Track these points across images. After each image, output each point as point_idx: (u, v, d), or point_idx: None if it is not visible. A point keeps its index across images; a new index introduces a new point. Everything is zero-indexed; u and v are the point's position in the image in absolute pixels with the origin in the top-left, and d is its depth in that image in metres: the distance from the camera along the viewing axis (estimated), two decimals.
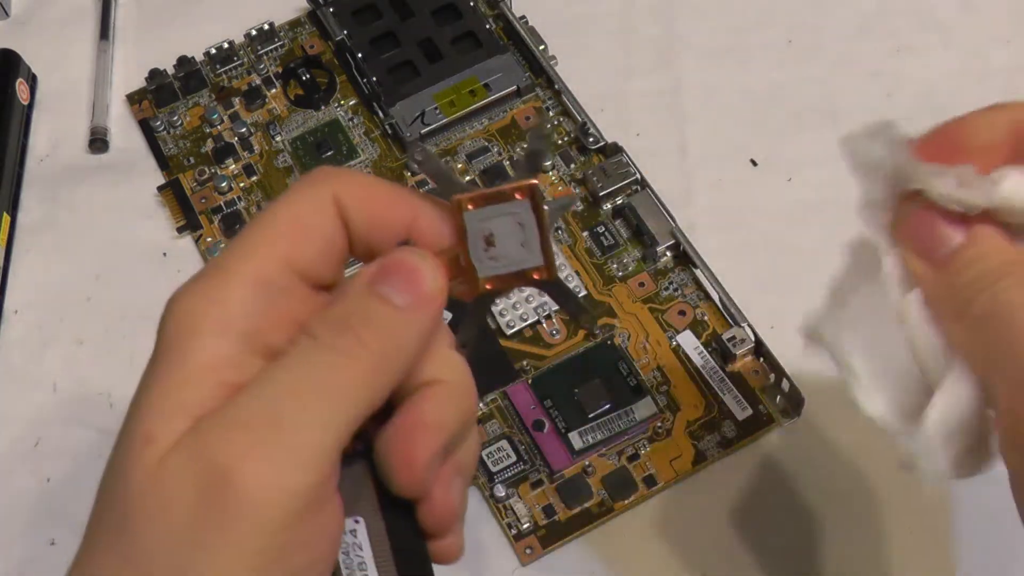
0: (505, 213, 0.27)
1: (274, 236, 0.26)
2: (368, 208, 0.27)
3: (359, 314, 0.25)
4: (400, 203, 0.27)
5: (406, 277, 0.26)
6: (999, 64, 0.51)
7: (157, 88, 0.53)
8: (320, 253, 0.26)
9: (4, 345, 0.47)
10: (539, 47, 0.51)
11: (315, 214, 0.26)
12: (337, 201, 0.26)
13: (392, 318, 0.25)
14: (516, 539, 0.40)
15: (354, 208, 0.27)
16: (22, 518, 0.42)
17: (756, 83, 0.51)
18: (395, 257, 0.26)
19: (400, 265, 0.26)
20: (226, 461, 0.23)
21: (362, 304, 0.25)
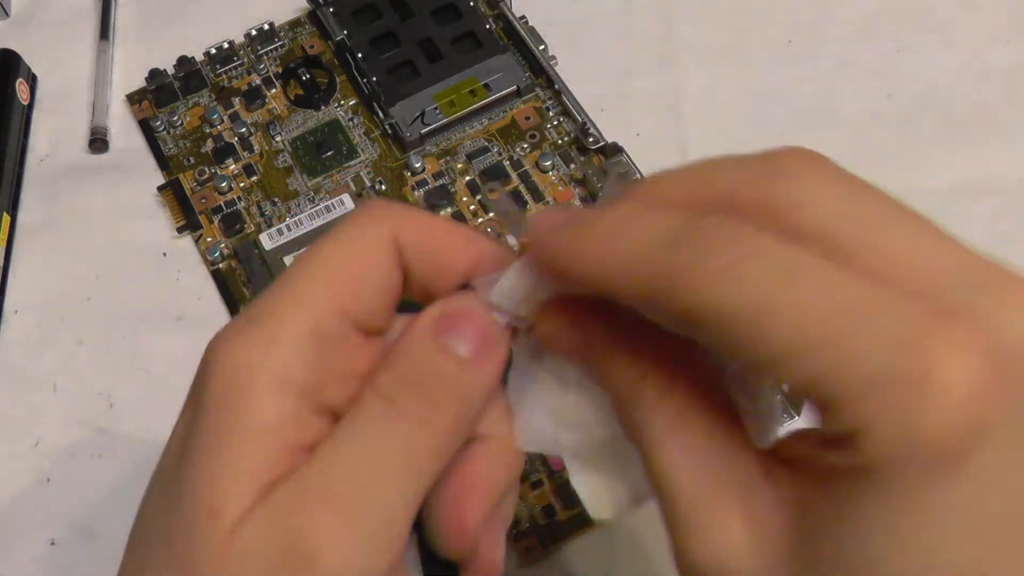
0: None
1: (329, 282, 0.24)
2: (427, 247, 0.25)
3: (431, 374, 0.23)
4: (461, 244, 0.25)
5: (472, 327, 0.24)
6: (999, 64, 0.51)
7: (157, 88, 0.53)
8: (377, 297, 0.24)
9: (4, 345, 0.47)
10: (539, 47, 0.51)
11: (373, 257, 0.24)
12: (395, 239, 0.25)
13: (462, 376, 0.24)
14: (516, 539, 0.40)
15: (413, 247, 0.25)
16: (22, 518, 0.42)
17: (756, 83, 0.51)
18: (459, 304, 0.24)
19: (466, 314, 0.24)
20: (308, 536, 0.21)
21: (430, 360, 0.24)
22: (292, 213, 0.48)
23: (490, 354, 0.24)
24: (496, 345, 0.24)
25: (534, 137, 0.50)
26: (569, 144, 0.49)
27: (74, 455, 0.44)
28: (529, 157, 0.49)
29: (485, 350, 0.24)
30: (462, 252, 0.25)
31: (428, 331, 0.24)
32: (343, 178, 0.49)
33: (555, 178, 0.48)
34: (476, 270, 0.25)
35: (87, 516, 0.42)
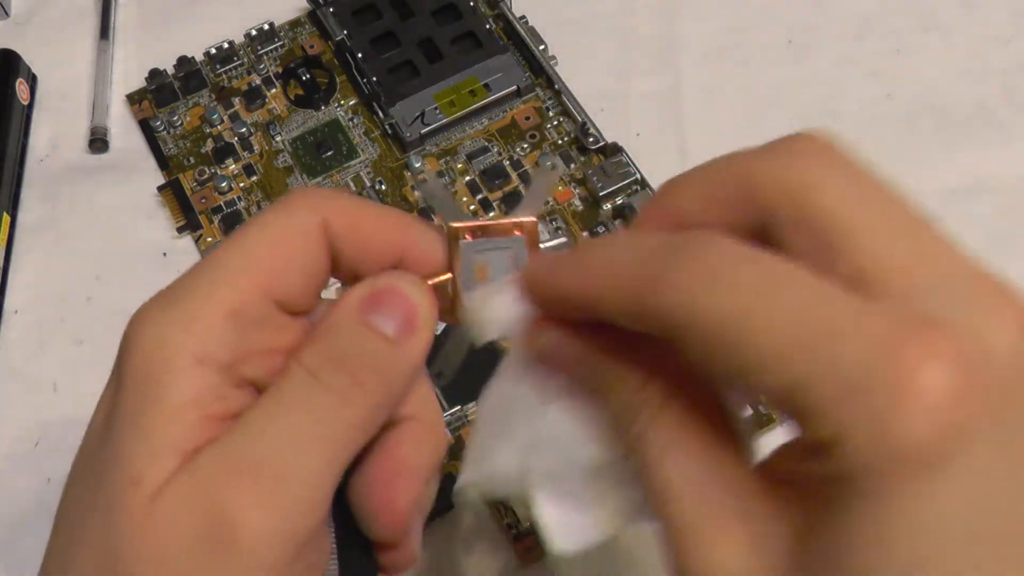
0: (501, 247, 0.27)
1: (252, 263, 0.24)
2: (357, 232, 0.25)
3: (355, 350, 0.24)
4: (391, 227, 0.26)
5: (399, 306, 0.25)
6: (999, 64, 0.51)
7: (157, 88, 0.53)
8: (301, 282, 0.25)
9: (4, 345, 0.47)
10: (539, 47, 0.51)
11: (298, 240, 0.25)
12: (324, 226, 0.25)
13: (387, 353, 0.24)
14: (516, 540, 0.40)
15: (342, 233, 0.25)
16: (22, 518, 0.42)
17: (756, 83, 0.51)
18: (386, 283, 0.25)
19: (392, 292, 0.25)
20: (229, 502, 0.22)
21: (356, 337, 0.24)
22: None
23: (416, 333, 0.25)
24: (422, 325, 0.25)
25: (534, 137, 0.50)
26: (569, 144, 0.49)
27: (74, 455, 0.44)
28: (529, 157, 0.49)
29: (411, 329, 0.24)
30: (392, 236, 0.26)
31: (354, 308, 0.24)
32: (343, 178, 0.49)
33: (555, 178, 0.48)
34: (406, 253, 0.26)
35: None
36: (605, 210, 0.47)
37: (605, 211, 0.47)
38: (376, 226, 0.26)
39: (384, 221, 0.26)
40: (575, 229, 0.47)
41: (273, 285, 0.24)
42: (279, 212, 0.25)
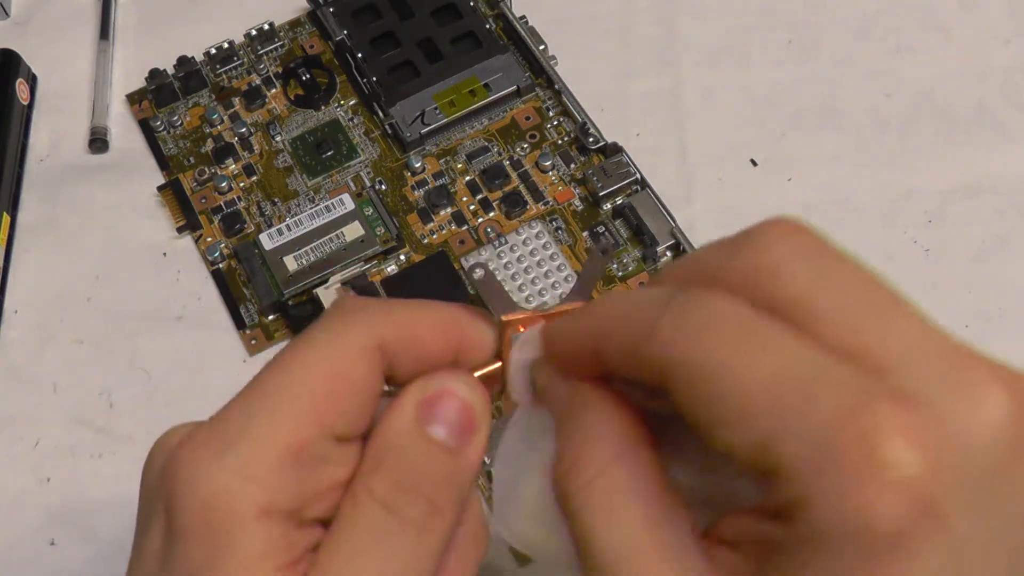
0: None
1: (309, 397, 0.22)
2: (413, 343, 0.24)
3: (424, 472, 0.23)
4: (446, 328, 0.24)
5: (455, 410, 0.23)
6: (999, 64, 0.51)
7: (157, 88, 0.53)
8: (359, 409, 0.23)
9: (4, 345, 0.47)
10: (539, 47, 0.51)
11: (355, 368, 0.23)
12: (381, 346, 0.23)
13: (453, 467, 0.23)
14: None
15: (398, 347, 0.24)
16: (22, 518, 0.42)
17: (756, 83, 0.51)
18: (440, 387, 0.24)
19: (445, 396, 0.23)
20: None
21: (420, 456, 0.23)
22: (292, 213, 0.48)
23: (475, 436, 0.24)
24: (479, 425, 0.24)
25: (534, 137, 0.50)
26: (569, 144, 0.49)
27: (74, 455, 0.44)
28: (529, 157, 0.49)
29: (470, 433, 0.24)
30: (447, 337, 0.25)
31: (411, 420, 0.23)
32: (343, 178, 0.49)
33: (555, 178, 0.48)
34: (460, 350, 0.25)
35: (87, 516, 0.42)
36: (605, 210, 0.47)
37: (605, 211, 0.47)
38: (429, 330, 0.24)
39: (438, 325, 0.25)
40: (575, 229, 0.47)
41: (331, 418, 0.23)
42: (332, 332, 0.23)
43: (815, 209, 0.47)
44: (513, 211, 0.48)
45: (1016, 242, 0.46)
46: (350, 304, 0.24)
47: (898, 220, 0.47)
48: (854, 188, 0.48)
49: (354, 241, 0.47)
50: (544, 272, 0.45)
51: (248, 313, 0.46)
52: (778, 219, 0.22)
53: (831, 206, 0.48)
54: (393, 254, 0.47)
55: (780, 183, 0.48)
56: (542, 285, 0.45)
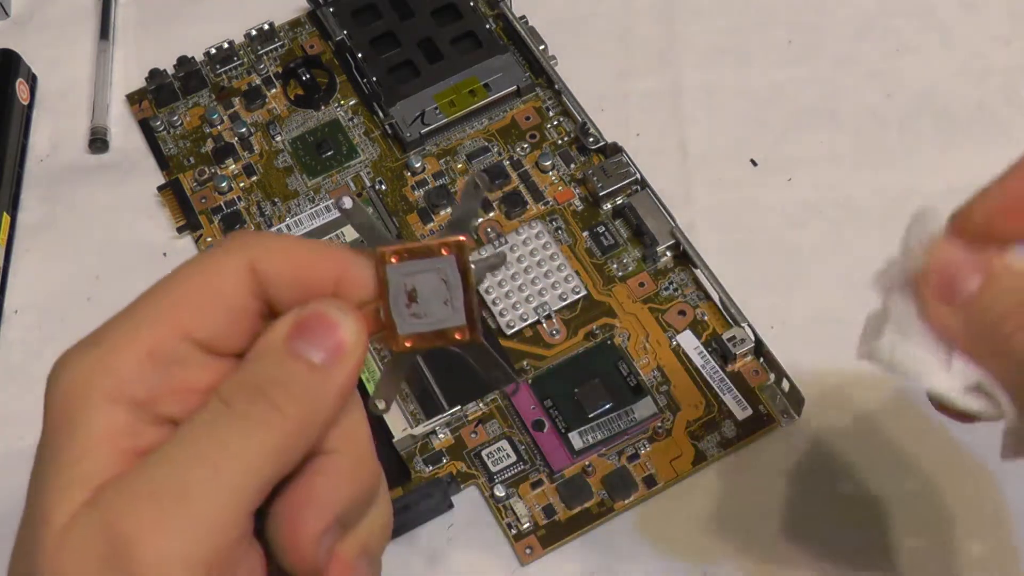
0: (429, 269, 0.26)
1: (170, 306, 0.25)
2: (290, 271, 0.25)
3: (275, 377, 0.24)
4: (324, 260, 0.26)
5: (325, 331, 0.24)
6: (999, 64, 0.51)
7: (157, 88, 0.53)
8: (225, 324, 0.25)
9: (4, 345, 0.47)
10: (539, 47, 0.51)
11: (221, 284, 0.25)
12: (253, 269, 0.25)
13: (309, 378, 0.24)
14: (516, 539, 0.40)
15: (275, 273, 0.25)
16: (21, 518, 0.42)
17: (756, 83, 0.51)
18: (313, 310, 0.25)
19: (318, 319, 0.25)
20: (129, 532, 0.22)
21: (278, 365, 0.24)
22: (292, 213, 0.48)
23: (343, 359, 0.24)
24: (350, 350, 0.24)
25: (534, 137, 0.50)
26: (569, 144, 0.49)
27: None
28: (529, 157, 0.49)
29: (338, 355, 0.24)
30: (326, 267, 0.26)
31: (280, 337, 0.24)
32: (343, 178, 0.49)
33: (555, 178, 0.48)
34: (340, 283, 0.25)
35: None
36: (605, 210, 0.47)
37: (605, 211, 0.47)
38: (308, 260, 0.26)
39: (316, 255, 0.26)
40: (575, 229, 0.47)
41: (193, 325, 0.25)
42: (205, 255, 0.26)
43: (815, 209, 0.47)
44: (513, 211, 0.48)
45: None
46: (230, 235, 0.27)
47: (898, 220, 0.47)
48: (854, 188, 0.48)
49: (354, 241, 0.47)
50: (544, 272, 0.45)
51: None
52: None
53: (831, 206, 0.48)
54: None
55: (780, 183, 0.48)
56: (542, 285, 0.45)
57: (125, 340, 0.24)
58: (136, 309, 0.25)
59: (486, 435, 0.42)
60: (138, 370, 0.24)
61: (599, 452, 0.41)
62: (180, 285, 0.25)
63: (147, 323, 0.25)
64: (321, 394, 0.24)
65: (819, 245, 0.47)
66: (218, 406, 0.24)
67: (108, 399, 0.24)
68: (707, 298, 0.45)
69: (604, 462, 0.41)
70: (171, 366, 0.24)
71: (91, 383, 0.24)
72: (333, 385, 0.24)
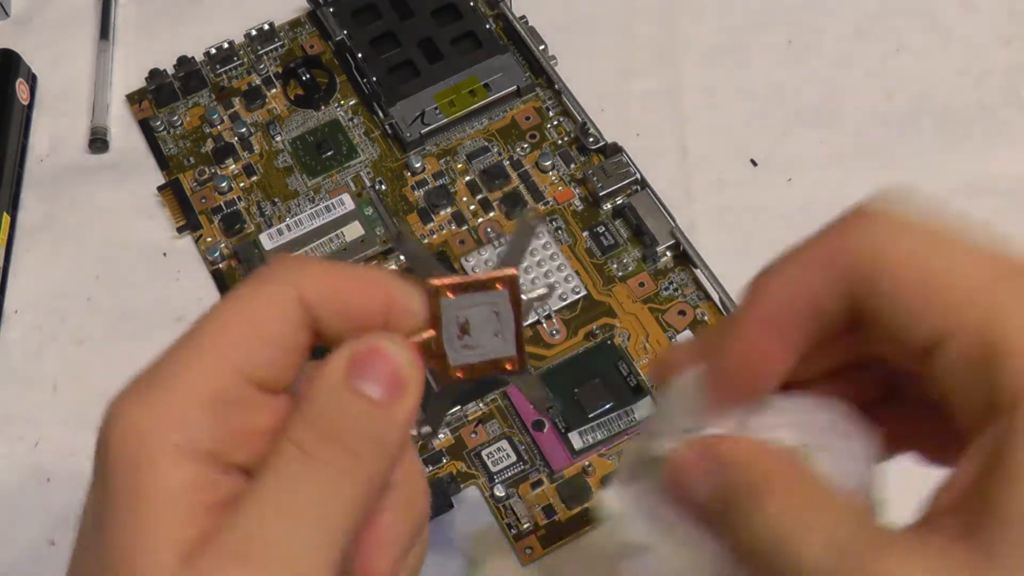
0: (482, 302, 0.26)
1: (227, 344, 0.24)
2: (336, 299, 0.25)
3: (345, 419, 0.23)
4: (371, 289, 0.25)
5: (384, 367, 0.24)
6: (999, 64, 0.51)
7: (157, 88, 0.53)
8: (279, 358, 0.24)
9: (4, 345, 0.47)
10: (539, 47, 0.51)
11: (274, 318, 0.24)
12: (302, 299, 0.24)
13: (376, 417, 0.24)
14: (516, 539, 0.40)
15: (321, 301, 0.24)
16: (22, 518, 0.42)
17: (756, 83, 0.51)
18: (369, 345, 0.24)
19: (375, 354, 0.24)
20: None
21: (344, 405, 0.24)
22: (292, 213, 0.48)
23: (404, 394, 0.24)
24: (409, 385, 0.24)
25: (534, 137, 0.50)
26: (569, 144, 0.49)
27: (74, 455, 0.44)
28: (529, 157, 0.49)
29: (398, 390, 0.24)
30: (373, 297, 0.25)
31: (339, 375, 0.24)
32: (343, 178, 0.49)
33: (555, 178, 0.48)
34: (389, 313, 0.25)
35: None
36: (605, 210, 0.47)
37: (605, 211, 0.47)
38: (355, 290, 0.25)
39: (363, 283, 0.25)
40: (575, 229, 0.47)
41: (249, 363, 0.24)
42: (252, 286, 0.24)
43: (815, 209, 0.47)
44: (513, 211, 0.48)
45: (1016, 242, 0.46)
46: (277, 260, 0.25)
47: None
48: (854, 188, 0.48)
49: (354, 241, 0.47)
50: (544, 272, 0.45)
51: None
52: (864, 208, 0.25)
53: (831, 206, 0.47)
54: (393, 254, 0.47)
55: (780, 183, 0.48)
56: (542, 285, 0.45)
57: (186, 386, 0.23)
58: (191, 350, 0.24)
59: (486, 435, 0.42)
60: (203, 418, 0.23)
61: (599, 452, 0.41)
62: (234, 323, 0.24)
63: (206, 366, 0.23)
64: (389, 432, 0.24)
65: None
66: (297, 455, 0.23)
67: (178, 452, 0.23)
68: (707, 298, 0.45)
69: (604, 462, 0.41)
70: (234, 410, 0.23)
71: (158, 435, 0.23)
72: (398, 421, 0.24)
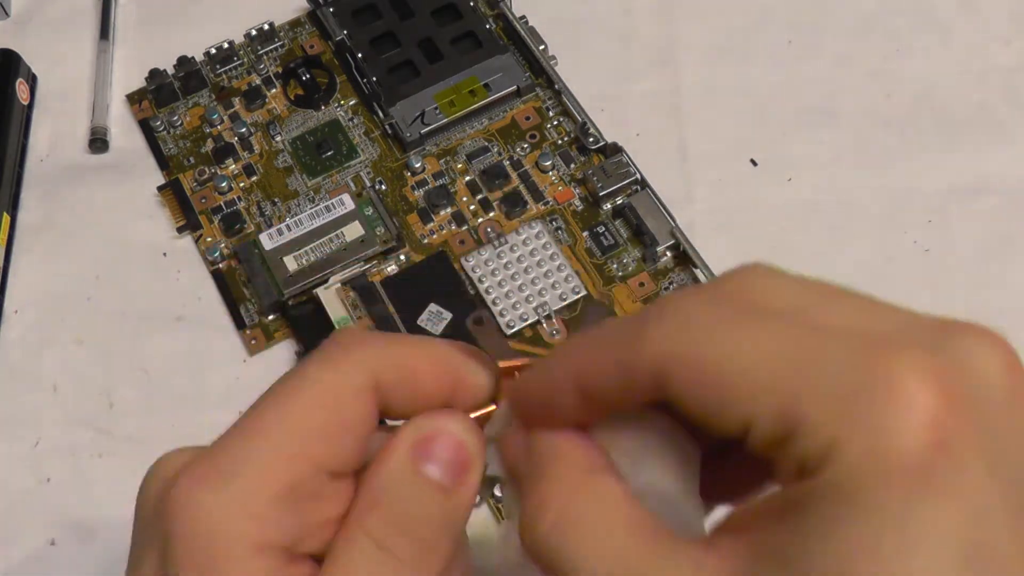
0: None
1: (303, 434, 0.23)
2: (409, 381, 0.24)
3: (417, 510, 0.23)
4: (442, 367, 0.25)
5: (450, 450, 0.24)
6: (999, 64, 0.51)
7: (157, 88, 0.53)
8: (353, 446, 0.23)
9: (4, 345, 0.47)
10: (539, 47, 0.51)
11: (351, 407, 0.23)
12: (376, 383, 0.24)
13: (447, 507, 0.23)
14: None
15: (393, 385, 0.24)
16: (22, 518, 0.42)
17: (756, 83, 0.51)
18: (435, 427, 0.24)
19: (442, 436, 0.24)
20: None
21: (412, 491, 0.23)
22: (292, 213, 0.48)
23: (470, 474, 0.24)
24: (473, 466, 0.24)
25: (534, 137, 0.50)
26: (569, 144, 0.49)
27: (74, 455, 0.44)
28: (529, 157, 0.49)
29: (464, 473, 0.24)
30: (443, 376, 0.25)
31: (407, 459, 0.23)
32: (343, 178, 0.49)
33: (555, 178, 0.48)
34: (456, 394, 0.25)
35: (87, 516, 0.42)
36: (605, 210, 0.47)
37: (605, 211, 0.47)
38: (425, 368, 0.24)
39: (433, 361, 0.25)
40: (575, 229, 0.47)
41: (327, 457, 0.23)
42: (323, 367, 0.24)
43: (815, 209, 0.47)
44: (513, 211, 0.48)
45: (1016, 242, 0.46)
46: (347, 338, 0.24)
47: (898, 220, 0.47)
48: (854, 188, 0.48)
49: (354, 241, 0.47)
50: (544, 272, 0.45)
51: (248, 313, 0.46)
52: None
53: (831, 206, 0.48)
54: (393, 254, 0.47)
55: (780, 183, 0.48)
56: (542, 285, 0.45)
57: (261, 477, 0.22)
58: (264, 436, 0.23)
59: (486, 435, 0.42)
60: (280, 512, 0.22)
61: None
62: (309, 410, 0.23)
63: (284, 459, 0.23)
64: (457, 517, 0.24)
65: (819, 245, 0.47)
66: (371, 548, 0.23)
67: (254, 547, 0.22)
68: None
69: None
70: (308, 500, 0.23)
71: (236, 532, 0.22)
72: (464, 505, 0.24)
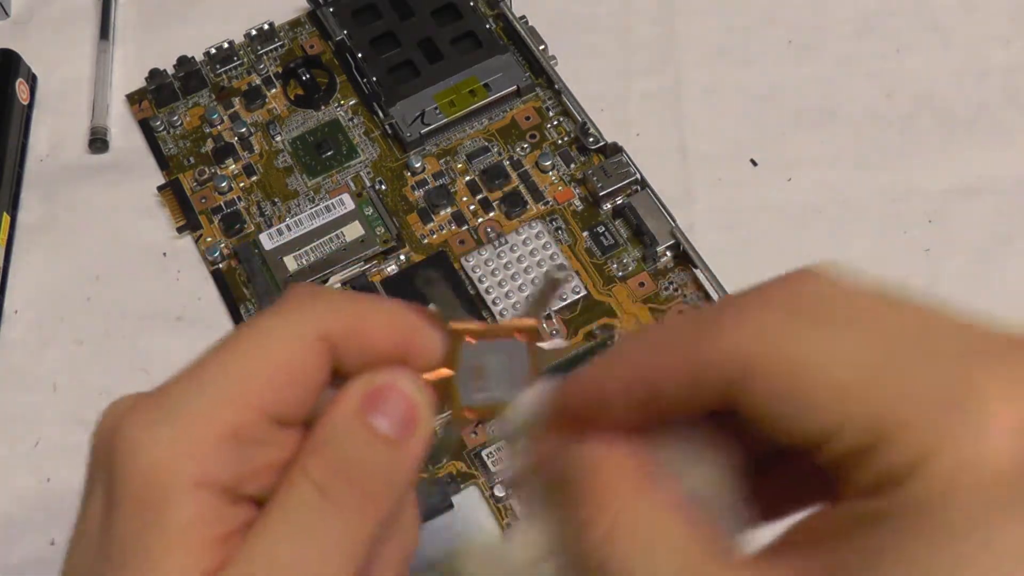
0: (500, 350, 0.27)
1: (249, 381, 0.23)
2: (358, 334, 0.24)
3: (360, 458, 0.23)
4: (392, 324, 0.25)
5: (398, 404, 0.24)
6: (999, 64, 0.51)
7: (157, 88, 0.53)
8: (301, 395, 0.24)
9: (4, 345, 0.47)
10: (539, 47, 0.51)
11: (298, 355, 0.24)
12: (325, 334, 0.24)
13: (391, 457, 0.24)
14: None
15: (343, 339, 0.24)
16: (22, 518, 0.42)
17: (756, 83, 0.51)
18: (384, 380, 0.24)
19: (391, 390, 0.24)
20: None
21: (359, 443, 0.24)
22: (292, 213, 0.48)
23: (416, 431, 0.24)
24: (422, 422, 0.24)
25: (534, 137, 0.50)
26: (569, 144, 0.49)
27: (74, 455, 0.44)
28: (529, 157, 0.49)
29: (411, 427, 0.24)
30: (394, 333, 0.25)
31: (354, 410, 0.24)
32: (343, 178, 0.49)
33: (555, 178, 0.48)
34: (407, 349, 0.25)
35: None
36: (605, 210, 0.47)
37: (605, 211, 0.47)
38: (376, 324, 0.25)
39: (384, 318, 0.25)
40: (575, 229, 0.47)
41: (273, 404, 0.23)
42: (274, 319, 0.24)
43: (815, 209, 0.47)
44: (513, 211, 0.48)
45: (1016, 242, 0.46)
46: (300, 292, 0.25)
47: (898, 220, 0.47)
48: (854, 188, 0.48)
49: (354, 241, 0.47)
50: (544, 272, 0.45)
51: (248, 313, 0.46)
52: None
53: (831, 206, 0.48)
54: (393, 254, 0.47)
55: (780, 183, 0.48)
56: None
57: (206, 420, 0.23)
58: (211, 382, 0.23)
59: (486, 435, 0.42)
60: (222, 454, 0.23)
61: None
62: (255, 356, 0.24)
63: (228, 402, 0.23)
64: (402, 471, 0.24)
65: (819, 245, 0.47)
66: (312, 492, 0.23)
67: (195, 485, 0.22)
68: (707, 298, 0.45)
69: None
70: (251, 445, 0.23)
71: (176, 468, 0.22)
72: (410, 460, 0.24)
